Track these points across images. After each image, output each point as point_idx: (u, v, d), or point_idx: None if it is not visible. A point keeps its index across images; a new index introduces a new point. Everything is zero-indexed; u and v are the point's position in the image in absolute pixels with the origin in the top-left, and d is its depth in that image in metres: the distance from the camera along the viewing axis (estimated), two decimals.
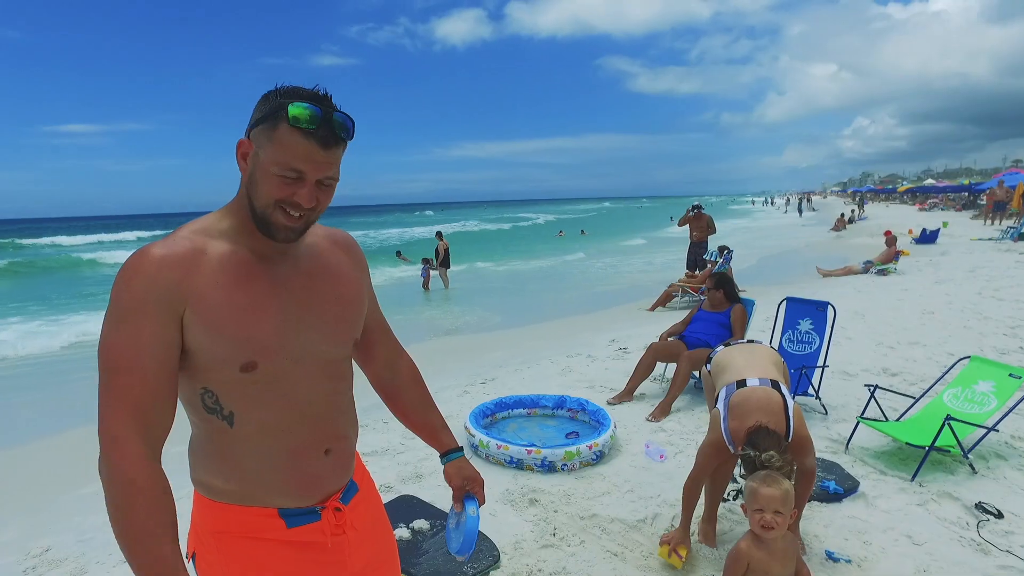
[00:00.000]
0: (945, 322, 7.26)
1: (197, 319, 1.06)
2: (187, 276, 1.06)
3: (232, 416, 1.13)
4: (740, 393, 2.60)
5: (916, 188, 55.22)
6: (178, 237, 1.11)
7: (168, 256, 1.06)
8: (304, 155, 1.06)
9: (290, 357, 1.15)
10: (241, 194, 1.14)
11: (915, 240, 18.27)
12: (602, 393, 5.08)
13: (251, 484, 1.17)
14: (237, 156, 1.12)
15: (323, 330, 1.19)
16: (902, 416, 3.98)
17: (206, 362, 1.09)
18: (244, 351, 1.09)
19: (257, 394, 1.12)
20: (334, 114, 1.07)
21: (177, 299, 1.05)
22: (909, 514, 3.06)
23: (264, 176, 1.08)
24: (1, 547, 3.26)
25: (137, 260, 1.06)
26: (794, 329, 4.79)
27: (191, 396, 1.14)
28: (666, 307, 9.97)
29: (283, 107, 1.04)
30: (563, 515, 3.13)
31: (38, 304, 13.72)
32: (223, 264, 1.10)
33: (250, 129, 1.10)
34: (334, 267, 1.25)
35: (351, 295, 1.27)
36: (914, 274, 11.71)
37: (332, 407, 1.24)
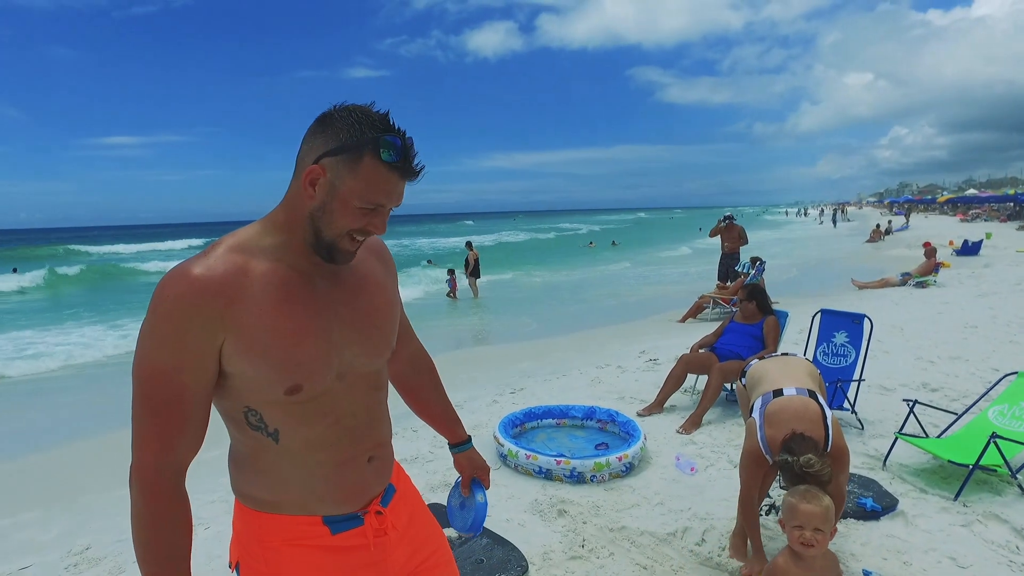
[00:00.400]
0: (989, 336, 7.02)
1: (239, 348, 1.05)
2: (228, 305, 1.03)
3: (277, 433, 1.12)
4: (776, 402, 2.55)
5: (957, 198, 53.66)
6: (218, 255, 1.07)
7: (209, 281, 1.03)
8: (388, 189, 1.06)
9: (334, 375, 1.15)
10: (296, 217, 1.10)
11: (956, 252, 17.75)
12: (632, 404, 5.04)
13: (296, 495, 1.18)
14: (304, 181, 1.07)
15: (364, 345, 1.20)
16: (943, 433, 3.85)
17: (248, 385, 1.08)
18: (289, 376, 1.08)
19: (302, 412, 1.12)
20: (411, 145, 1.07)
21: (218, 329, 1.03)
22: (952, 535, 2.95)
23: (343, 207, 1.06)
24: (46, 545, 3.38)
25: (177, 282, 1.03)
26: (829, 342, 4.69)
27: (234, 414, 1.13)
28: (697, 318, 9.86)
29: (371, 141, 1.03)
30: (592, 527, 3.10)
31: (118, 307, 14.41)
32: (266, 286, 1.08)
33: (320, 156, 1.05)
34: (371, 277, 1.25)
35: (387, 305, 1.27)
36: (955, 287, 11.37)
37: (373, 417, 1.25)
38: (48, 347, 9.78)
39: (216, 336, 1.03)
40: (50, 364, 8.55)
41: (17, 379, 8.02)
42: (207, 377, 1.06)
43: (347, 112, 1.05)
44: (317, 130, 1.07)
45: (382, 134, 1.03)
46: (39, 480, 4.63)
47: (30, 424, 6.12)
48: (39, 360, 8.73)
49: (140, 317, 1.08)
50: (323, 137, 1.06)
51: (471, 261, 14.17)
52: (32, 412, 6.56)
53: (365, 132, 1.03)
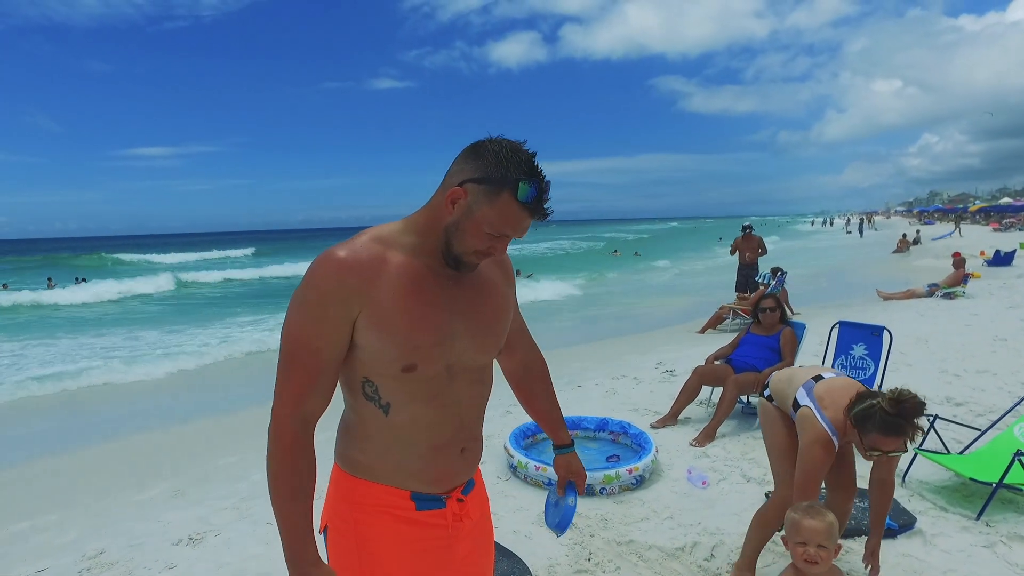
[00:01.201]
0: (1020, 350, 6.81)
1: (370, 322, 1.18)
2: (367, 283, 1.18)
3: (388, 407, 1.25)
4: (822, 384, 2.41)
5: (990, 207, 52.35)
6: (362, 242, 1.22)
7: (352, 262, 1.18)
8: (517, 224, 1.19)
9: (446, 363, 1.27)
10: (434, 224, 1.23)
11: (987, 262, 17.28)
12: (646, 416, 4.98)
13: (392, 467, 1.29)
14: (445, 199, 1.20)
15: (476, 341, 1.31)
16: (966, 449, 3.74)
17: (371, 358, 1.22)
18: (408, 355, 1.21)
19: (413, 391, 1.24)
20: (547, 189, 1.18)
21: (355, 303, 1.17)
22: (973, 556, 2.86)
23: (474, 230, 1.19)
24: (62, 547, 3.44)
25: (325, 261, 1.19)
26: (847, 354, 4.59)
27: (353, 383, 1.27)
28: (716, 329, 9.73)
29: (512, 181, 1.14)
30: (599, 540, 3.07)
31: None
32: (400, 275, 1.21)
33: (465, 180, 1.18)
34: (491, 283, 1.37)
35: (502, 309, 1.39)
36: (985, 298, 11.06)
37: (474, 411, 1.37)
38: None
39: (353, 309, 1.18)
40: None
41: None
42: (341, 345, 1.20)
43: (499, 146, 1.17)
44: (469, 156, 1.20)
45: (525, 177, 1.15)
46: (62, 483, 4.73)
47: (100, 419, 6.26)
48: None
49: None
50: (472, 164, 1.18)
51: None
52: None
53: (510, 171, 1.15)
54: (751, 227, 11.08)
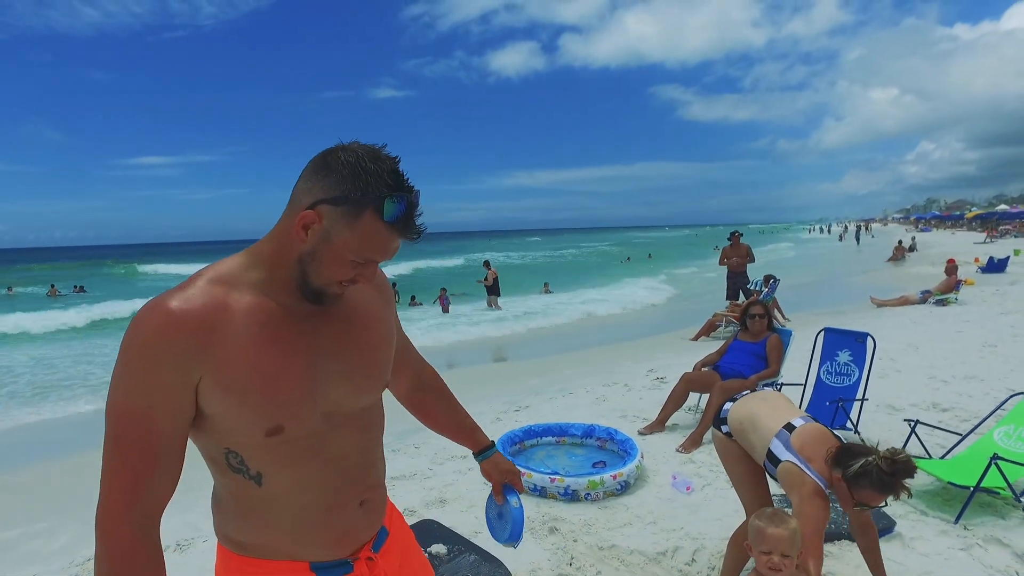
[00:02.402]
0: (1008, 356, 6.86)
1: (216, 387, 0.99)
2: (206, 340, 0.98)
3: (260, 476, 1.07)
4: (798, 435, 2.35)
5: (987, 214, 52.55)
6: (197, 287, 1.02)
7: (185, 316, 0.97)
8: (384, 247, 1.01)
9: (319, 416, 1.08)
10: (284, 254, 1.04)
11: (981, 269, 17.36)
12: (634, 423, 5.02)
13: (282, 540, 1.12)
14: (295, 224, 1.00)
15: (355, 382, 1.13)
16: (947, 454, 3.78)
17: (227, 426, 1.03)
18: (269, 417, 1.02)
19: (286, 454, 1.07)
20: (416, 203, 1.01)
21: (194, 366, 0.98)
22: (950, 559, 2.90)
23: (334, 258, 1.01)
24: (52, 554, 3.47)
25: (151, 317, 0.97)
26: (832, 361, 4.64)
27: (214, 454, 1.08)
28: (710, 337, 9.77)
29: (375, 200, 0.97)
30: (582, 545, 3.10)
31: None
32: (247, 323, 1.02)
33: (318, 201, 0.99)
34: (364, 308, 1.17)
35: (382, 337, 1.21)
36: (977, 304, 11.12)
37: (365, 458, 1.19)
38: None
39: (192, 374, 0.98)
40: None
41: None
42: (181, 419, 1.00)
43: (354, 156, 0.98)
44: (319, 171, 0.99)
45: (388, 192, 0.97)
46: (53, 490, 4.75)
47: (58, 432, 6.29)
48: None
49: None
50: (324, 182, 0.98)
51: (490, 279, 14.31)
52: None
53: (371, 187, 0.96)
54: (739, 234, 11.16)
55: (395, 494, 3.70)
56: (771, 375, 4.76)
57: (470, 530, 3.27)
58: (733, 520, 3.28)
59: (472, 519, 3.40)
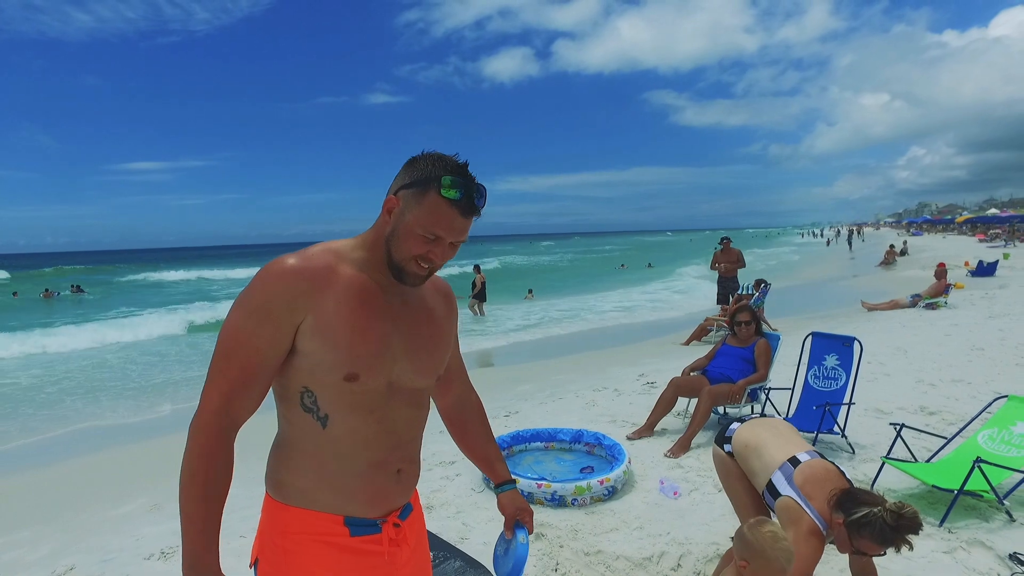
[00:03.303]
0: (995, 359, 6.91)
1: (315, 329, 1.19)
2: (315, 289, 1.19)
3: (327, 418, 1.23)
4: (801, 471, 2.33)
5: (977, 218, 52.94)
6: (314, 252, 1.24)
7: (303, 268, 1.20)
8: (447, 223, 1.20)
9: (386, 378, 1.27)
10: (378, 237, 1.27)
11: (971, 273, 17.47)
12: (623, 428, 5.02)
13: (326, 486, 1.26)
14: (383, 209, 1.26)
15: (416, 362, 1.32)
16: (933, 457, 3.79)
17: (313, 365, 1.21)
18: (351, 363, 1.21)
19: (353, 402, 1.24)
20: (476, 188, 1.21)
21: (302, 308, 1.18)
22: (934, 561, 2.91)
23: (407, 234, 1.22)
24: (34, 563, 3.44)
25: (276, 266, 1.20)
26: (820, 365, 4.66)
27: (290, 394, 1.25)
28: (701, 341, 9.79)
29: (436, 178, 1.18)
30: (568, 550, 3.09)
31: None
32: (348, 287, 1.23)
33: (398, 189, 1.23)
34: (433, 310, 1.40)
35: (442, 336, 1.41)
36: (966, 308, 11.19)
37: (411, 432, 1.35)
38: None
39: (299, 313, 1.18)
40: None
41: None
42: (281, 348, 1.19)
43: (429, 156, 1.22)
44: (403, 169, 1.25)
45: (448, 174, 1.19)
46: (39, 498, 4.71)
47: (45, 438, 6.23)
48: None
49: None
50: (405, 174, 1.23)
51: (478, 284, 14.29)
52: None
53: (436, 171, 1.19)
54: (729, 240, 11.20)
55: None
56: (759, 379, 4.77)
57: (456, 536, 3.25)
58: (720, 525, 3.29)
59: (459, 525, 3.39)
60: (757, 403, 4.85)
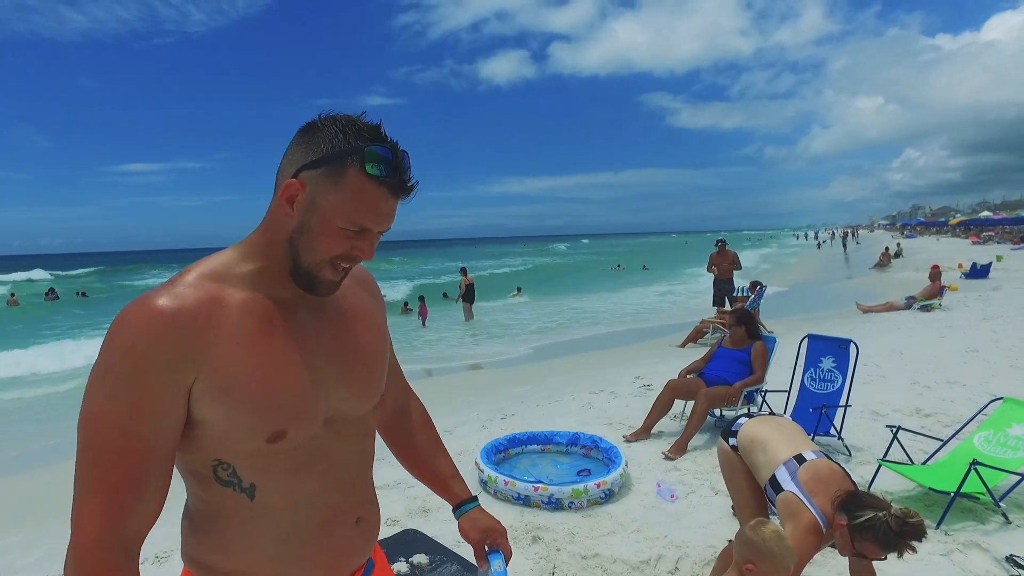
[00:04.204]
0: (989, 361, 6.93)
1: (212, 389, 0.90)
2: (200, 338, 0.89)
3: (253, 488, 0.97)
4: (806, 468, 2.34)
5: (970, 221, 53.29)
6: (187, 284, 0.93)
7: (177, 311, 0.89)
8: (376, 208, 0.92)
9: (322, 419, 1.00)
10: (275, 240, 0.97)
11: (965, 275, 17.56)
12: (620, 430, 5.01)
13: (269, 563, 1.00)
14: (281, 199, 0.94)
15: (354, 385, 1.05)
16: (929, 459, 3.80)
17: (223, 433, 0.93)
18: (273, 420, 0.94)
19: (284, 463, 0.98)
20: (404, 158, 0.93)
21: (187, 366, 0.88)
22: (931, 564, 2.91)
23: (324, 228, 0.93)
24: (26, 568, 3.41)
25: (137, 315, 0.88)
26: (816, 367, 4.66)
27: (200, 468, 0.97)
28: (697, 343, 9.81)
29: (356, 151, 0.90)
30: (565, 554, 3.08)
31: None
32: (243, 318, 0.94)
33: (300, 169, 0.93)
34: (359, 310, 1.10)
35: (377, 342, 1.13)
36: (960, 310, 11.24)
37: (363, 470, 1.11)
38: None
39: (185, 375, 0.89)
40: None
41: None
42: (172, 427, 0.90)
43: (332, 121, 0.93)
44: (299, 140, 0.94)
45: (370, 144, 0.91)
46: (33, 503, 4.67)
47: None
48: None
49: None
50: (305, 148, 0.93)
51: (463, 286, 14.34)
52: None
53: (351, 142, 0.90)
54: (725, 242, 11.22)
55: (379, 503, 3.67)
56: (756, 382, 4.78)
57: (453, 540, 3.24)
58: (717, 528, 3.29)
59: (455, 528, 3.36)
60: (754, 405, 4.85)
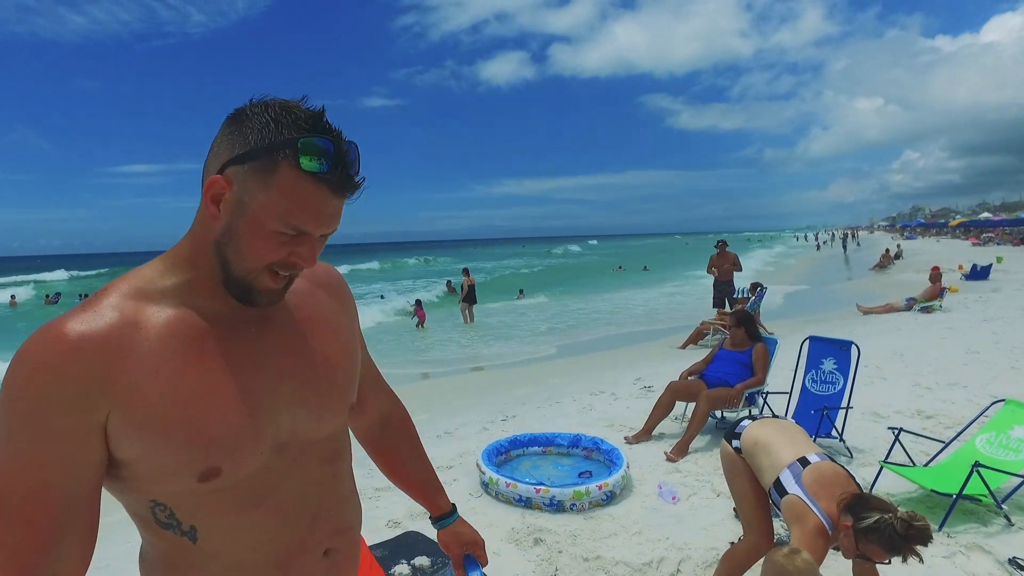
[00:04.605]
0: (990, 362, 6.93)
1: (130, 424, 0.78)
2: (112, 367, 0.77)
3: (194, 531, 0.86)
4: (810, 471, 2.34)
5: (970, 222, 53.35)
6: (102, 306, 0.81)
7: (85, 338, 0.77)
8: (315, 209, 0.80)
9: (269, 448, 0.88)
10: (201, 245, 0.85)
11: (965, 276, 17.57)
12: (621, 432, 5.01)
13: None
14: (205, 198, 0.82)
15: (311, 404, 0.92)
16: (931, 461, 3.80)
17: (151, 474, 0.82)
18: (201, 457, 0.81)
19: (225, 501, 0.85)
20: (348, 151, 0.81)
21: (98, 401, 0.76)
22: (933, 566, 2.90)
23: (256, 232, 0.80)
24: None
25: (39, 345, 0.76)
26: (817, 369, 4.66)
27: (139, 510, 0.86)
28: (698, 345, 9.81)
29: (289, 144, 0.77)
30: (567, 556, 3.08)
31: None
32: (165, 340, 0.81)
33: (226, 164, 0.81)
34: (318, 316, 0.97)
35: (342, 351, 0.99)
36: (961, 311, 11.24)
37: (331, 496, 0.98)
38: None
39: (96, 411, 0.77)
40: None
41: None
42: (87, 472, 0.78)
43: (264, 107, 0.80)
44: (226, 130, 0.82)
45: (307, 135, 0.78)
46: None
47: None
48: None
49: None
50: (231, 139, 0.81)
51: (465, 287, 14.34)
52: None
53: (283, 133, 0.78)
54: (725, 243, 11.21)
55: (378, 505, 3.67)
56: (757, 384, 4.78)
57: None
58: (719, 530, 3.28)
59: None
60: (755, 407, 4.85)
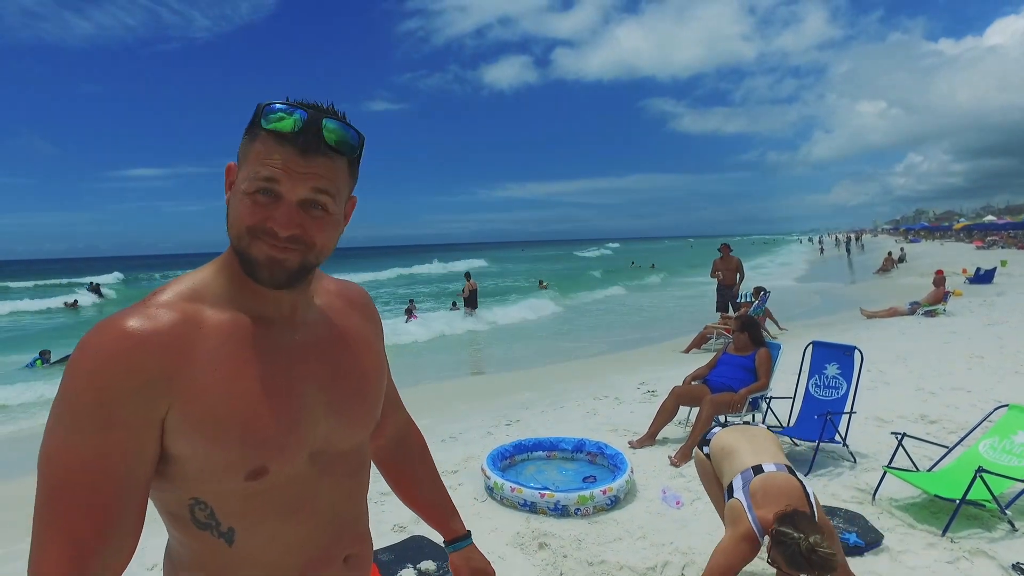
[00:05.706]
0: (995, 367, 6.92)
1: (188, 421, 0.82)
2: (177, 364, 0.81)
3: (232, 532, 0.88)
4: (760, 479, 2.44)
5: (974, 225, 53.20)
6: (161, 304, 0.84)
7: (151, 335, 0.80)
8: (281, 164, 0.82)
9: (309, 453, 0.92)
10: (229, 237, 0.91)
11: (969, 280, 17.54)
12: (625, 437, 5.02)
13: None
14: (226, 187, 0.89)
15: (345, 415, 0.96)
16: (934, 466, 3.80)
17: (199, 471, 0.84)
18: (253, 455, 0.85)
19: (265, 504, 0.89)
20: (324, 119, 0.84)
21: (160, 397, 0.80)
22: (937, 572, 2.91)
23: (235, 197, 0.85)
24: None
25: (103, 340, 0.79)
26: (821, 374, 4.67)
27: (176, 508, 0.89)
28: (701, 349, 9.81)
29: (259, 111, 0.84)
30: (572, 560, 3.10)
31: None
32: (223, 340, 0.85)
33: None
34: (352, 333, 1.02)
35: (373, 368, 1.04)
36: (965, 315, 11.23)
37: (356, 507, 1.02)
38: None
39: (158, 406, 0.80)
40: None
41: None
42: (143, 464, 0.81)
43: (272, 102, 0.87)
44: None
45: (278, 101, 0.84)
46: (24, 511, 4.69)
47: None
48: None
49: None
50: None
51: (467, 291, 14.36)
52: None
53: (260, 105, 0.85)
54: (729, 246, 11.21)
55: (384, 510, 3.68)
56: (760, 388, 4.79)
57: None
58: (723, 534, 3.29)
59: None
60: (758, 412, 4.86)
